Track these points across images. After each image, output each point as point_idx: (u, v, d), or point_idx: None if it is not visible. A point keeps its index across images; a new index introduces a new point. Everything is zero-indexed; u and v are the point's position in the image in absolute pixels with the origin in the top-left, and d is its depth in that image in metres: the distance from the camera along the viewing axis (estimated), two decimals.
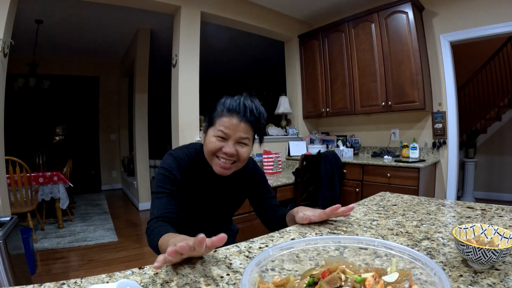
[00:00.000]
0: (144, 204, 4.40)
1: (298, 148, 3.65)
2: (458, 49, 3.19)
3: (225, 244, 0.85)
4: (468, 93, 4.85)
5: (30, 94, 4.83)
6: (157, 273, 0.58)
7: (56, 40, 4.48)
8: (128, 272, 0.58)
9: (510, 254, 0.58)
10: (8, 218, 1.76)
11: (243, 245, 0.73)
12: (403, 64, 2.89)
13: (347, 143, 3.66)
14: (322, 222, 0.90)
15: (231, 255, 0.67)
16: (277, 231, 0.83)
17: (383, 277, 0.39)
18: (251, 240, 0.76)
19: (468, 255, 0.54)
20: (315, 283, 0.40)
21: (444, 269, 0.55)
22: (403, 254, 0.43)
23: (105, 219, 3.91)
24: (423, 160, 2.78)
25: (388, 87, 3.02)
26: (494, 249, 0.51)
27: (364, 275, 0.39)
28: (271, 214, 1.14)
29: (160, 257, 0.55)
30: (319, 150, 2.99)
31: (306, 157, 2.71)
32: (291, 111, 3.93)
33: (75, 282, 0.54)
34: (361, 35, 3.22)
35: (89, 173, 5.84)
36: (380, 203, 1.11)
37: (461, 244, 0.55)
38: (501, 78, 4.54)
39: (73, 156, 4.70)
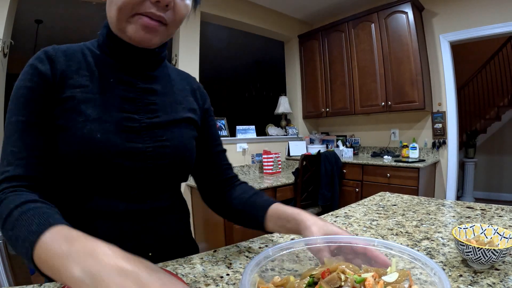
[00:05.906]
0: None
1: (298, 148, 3.65)
2: (458, 49, 3.19)
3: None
4: (468, 93, 4.86)
5: None
6: None
7: (56, 40, 4.48)
8: None
9: (510, 254, 0.58)
10: None
11: (243, 245, 0.73)
12: (403, 64, 2.89)
13: (347, 143, 3.66)
14: None
15: (230, 255, 0.67)
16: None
17: (382, 277, 0.39)
18: (251, 240, 0.76)
19: (468, 255, 0.54)
20: (315, 283, 0.40)
21: (444, 269, 0.55)
22: (403, 254, 0.43)
23: None
24: (423, 160, 2.78)
25: (388, 87, 3.02)
26: (494, 249, 0.51)
27: (364, 275, 0.39)
28: (223, 183, 0.71)
29: None
30: (319, 150, 2.99)
31: (306, 157, 2.71)
32: (291, 111, 3.93)
33: None
34: (361, 35, 3.22)
35: None
36: (380, 203, 1.11)
37: (461, 244, 0.55)
38: (501, 78, 4.54)
39: None
